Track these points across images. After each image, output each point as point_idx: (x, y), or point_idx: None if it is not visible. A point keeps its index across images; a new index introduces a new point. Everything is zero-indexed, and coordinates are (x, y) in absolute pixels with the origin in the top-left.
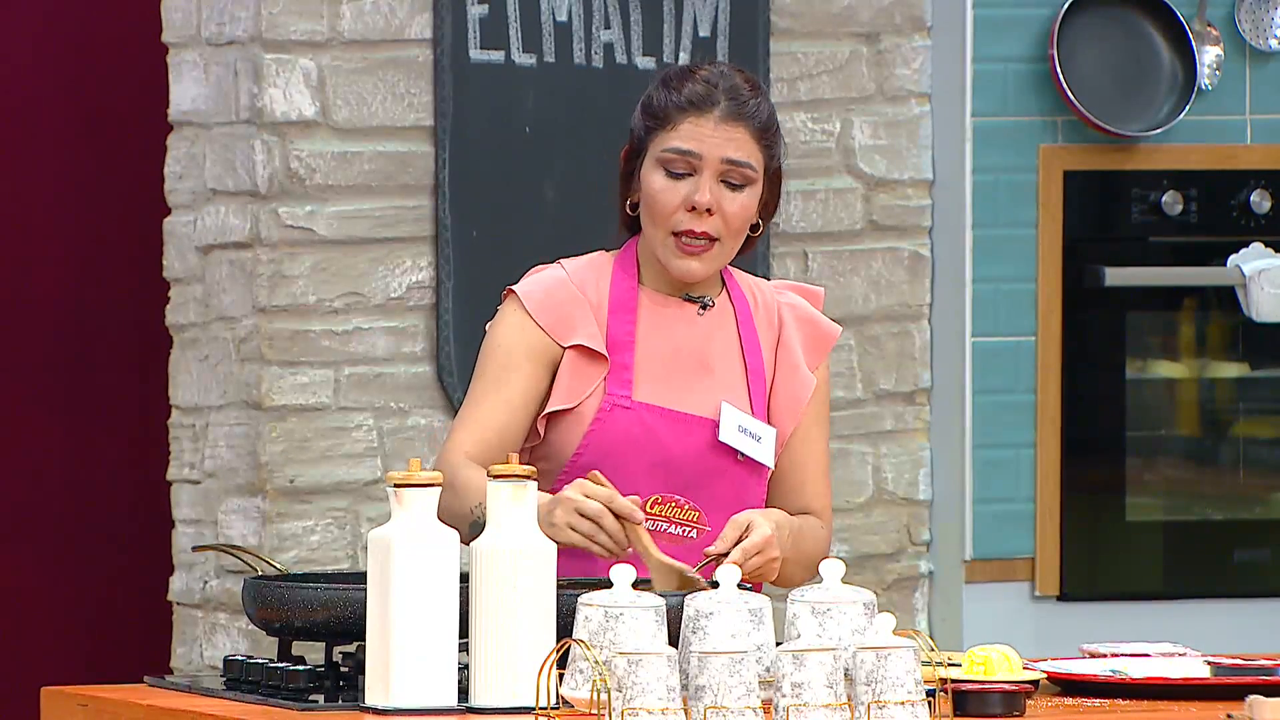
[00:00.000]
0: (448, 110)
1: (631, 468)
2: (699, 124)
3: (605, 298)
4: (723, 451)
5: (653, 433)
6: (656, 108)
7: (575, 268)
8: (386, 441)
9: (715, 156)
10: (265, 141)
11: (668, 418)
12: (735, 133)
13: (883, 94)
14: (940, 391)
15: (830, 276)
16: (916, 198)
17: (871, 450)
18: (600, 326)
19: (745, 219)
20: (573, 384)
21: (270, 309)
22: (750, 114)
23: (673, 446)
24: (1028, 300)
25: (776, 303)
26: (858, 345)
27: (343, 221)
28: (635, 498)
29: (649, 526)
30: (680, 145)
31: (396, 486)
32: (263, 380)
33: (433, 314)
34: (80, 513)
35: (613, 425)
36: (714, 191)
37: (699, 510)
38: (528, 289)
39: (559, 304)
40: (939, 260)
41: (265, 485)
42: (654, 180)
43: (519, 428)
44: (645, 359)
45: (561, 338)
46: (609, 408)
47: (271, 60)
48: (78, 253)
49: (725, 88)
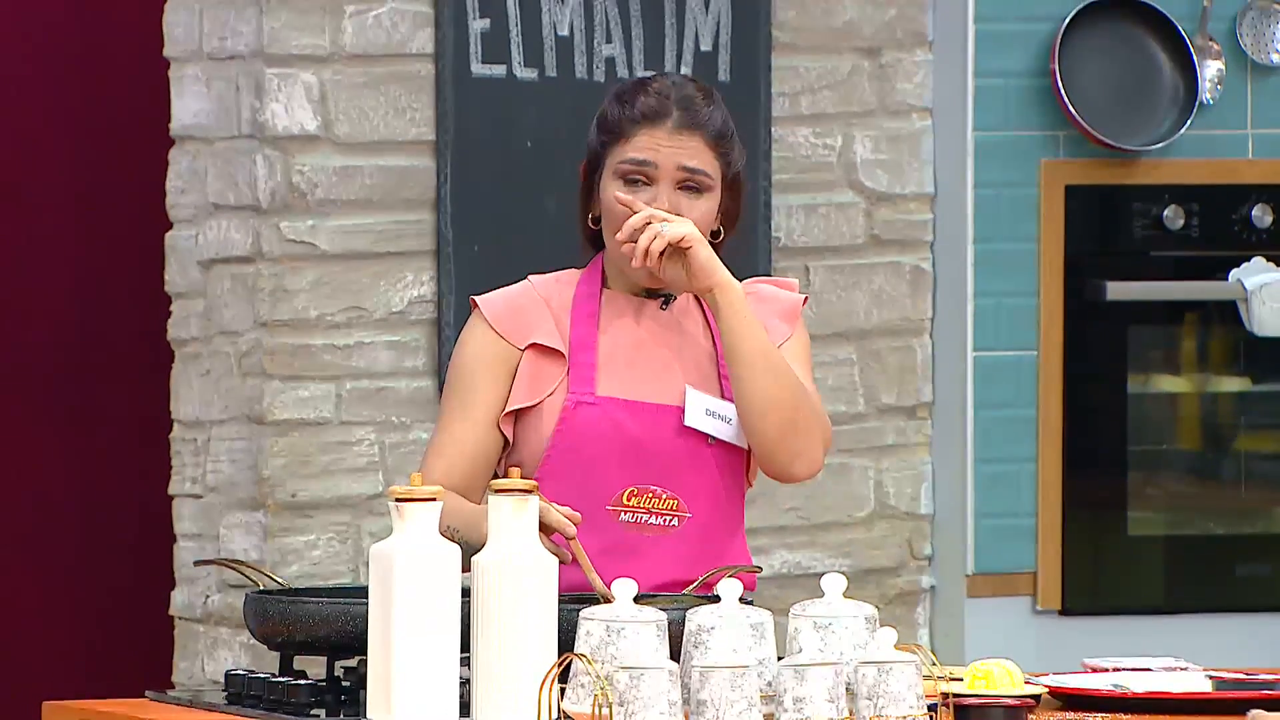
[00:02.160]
0: (449, 124)
1: (603, 462)
2: (653, 135)
3: (568, 304)
4: (693, 436)
5: (620, 425)
6: (611, 122)
7: (542, 280)
8: (388, 456)
9: (671, 165)
10: (267, 156)
11: (633, 409)
12: (690, 141)
13: (884, 108)
14: (942, 406)
15: (832, 291)
16: (918, 212)
17: (873, 465)
18: (561, 329)
19: (705, 224)
20: (532, 383)
21: (272, 323)
22: (703, 122)
23: (642, 437)
24: (1029, 315)
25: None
26: (859, 359)
27: (344, 236)
28: (576, 514)
29: (627, 519)
30: (636, 156)
31: (398, 501)
32: (264, 394)
33: (434, 328)
34: (82, 527)
35: (579, 422)
36: (672, 199)
37: (677, 498)
38: (488, 297)
39: (517, 309)
40: (941, 274)
41: (267, 500)
42: (612, 192)
43: (490, 446)
44: (609, 355)
45: (518, 340)
46: (573, 405)
47: (273, 74)
48: (79, 267)
49: (677, 98)
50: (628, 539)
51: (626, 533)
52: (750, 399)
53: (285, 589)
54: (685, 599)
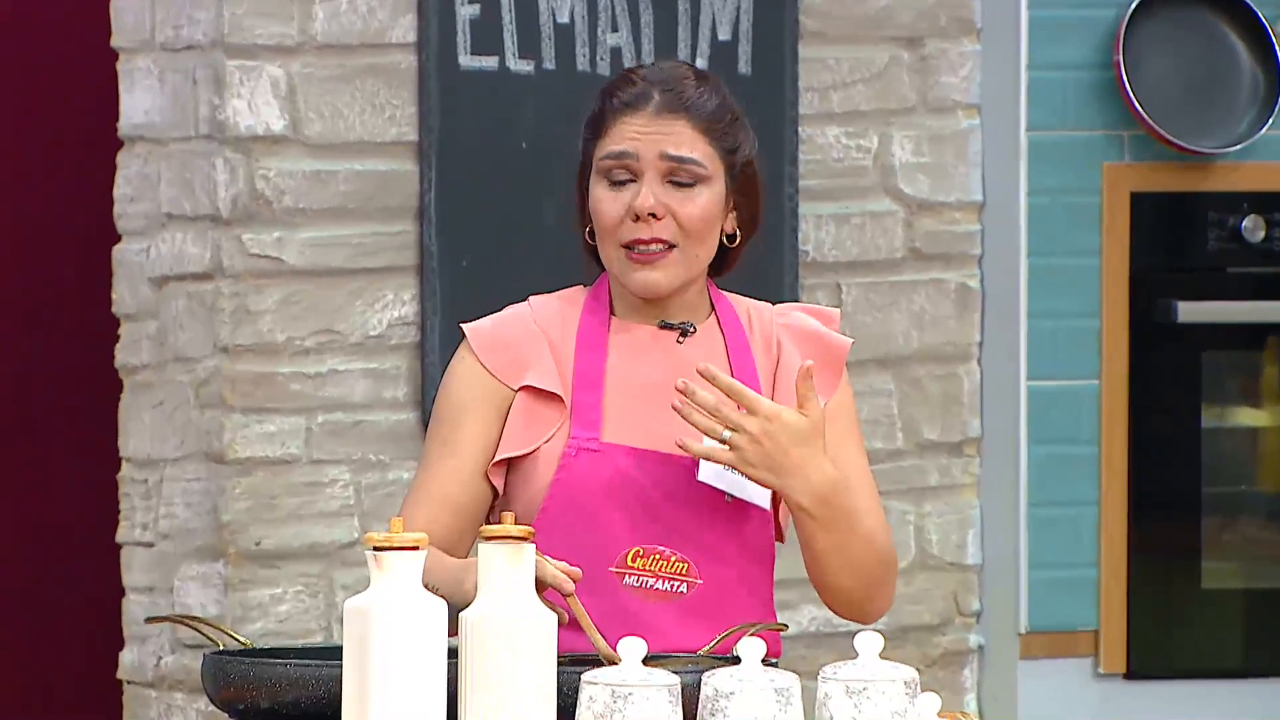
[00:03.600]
0: (434, 124)
1: (606, 518)
2: (631, 123)
3: (572, 335)
4: (708, 492)
5: (626, 476)
6: (594, 117)
7: (543, 303)
8: (365, 499)
9: (653, 154)
10: (228, 159)
11: (641, 458)
12: (674, 125)
13: (926, 105)
14: (991, 442)
15: (867, 311)
16: (964, 222)
17: (913, 508)
18: (563, 365)
19: (706, 220)
20: (526, 427)
21: (233, 348)
22: (690, 104)
23: (650, 490)
24: (1090, 339)
25: (774, 325)
26: (897, 389)
27: (315, 250)
28: (576, 569)
29: (631, 583)
30: (612, 149)
31: (376, 550)
32: (225, 429)
33: (417, 354)
34: (20, 579)
35: (579, 471)
36: (659, 194)
37: (688, 561)
38: (478, 326)
39: (510, 342)
40: (990, 293)
41: (227, 548)
42: (597, 192)
43: (477, 496)
44: (615, 395)
45: (511, 380)
46: (574, 452)
47: (235, 67)
48: (16, 285)
49: (660, 79)
50: (631, 606)
51: (630, 598)
52: (823, 576)
53: (248, 649)
54: (701, 660)
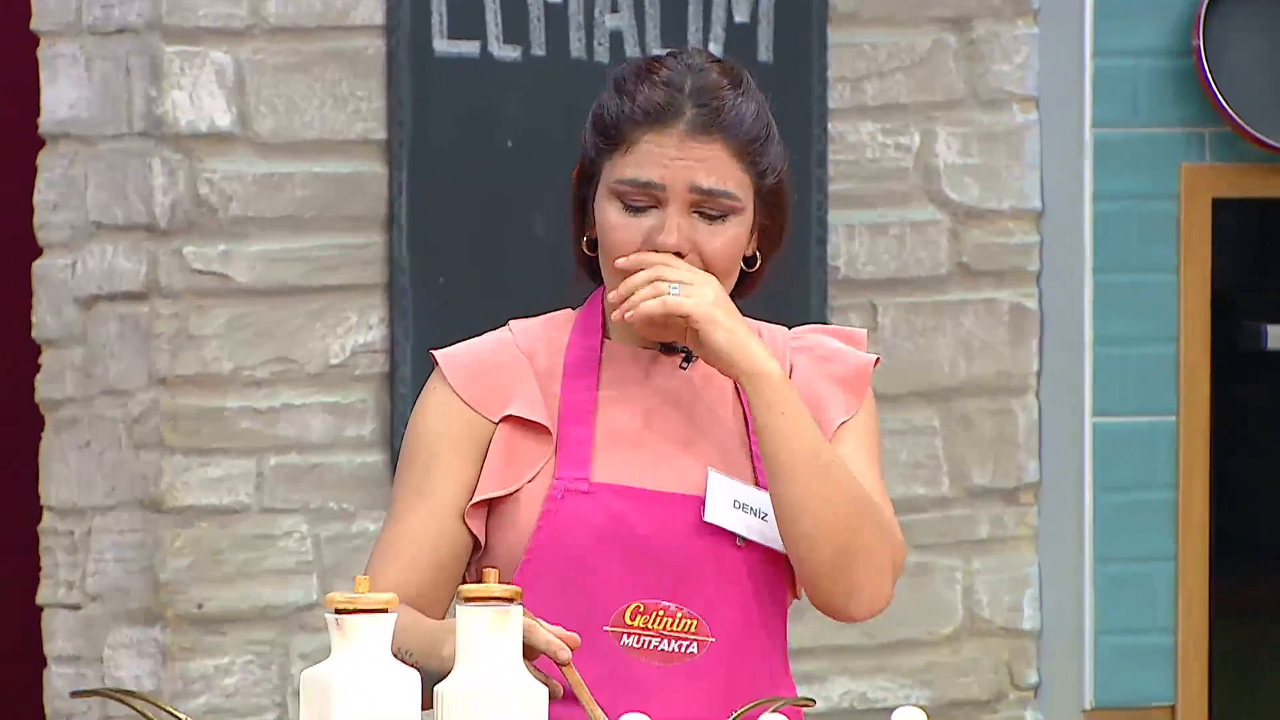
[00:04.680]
0: (405, 118)
1: (598, 569)
2: (659, 143)
3: (560, 363)
4: (717, 535)
5: (622, 520)
6: (607, 122)
7: (525, 328)
8: (325, 553)
9: (682, 185)
10: (166, 160)
11: (639, 499)
12: (707, 150)
13: (975, 97)
14: (1051, 488)
15: (907, 337)
16: (1020, 233)
17: (961, 565)
18: (548, 395)
19: (732, 256)
20: (507, 464)
21: (173, 380)
22: (727, 123)
23: (650, 536)
24: (1166, 368)
25: (788, 352)
26: (943, 427)
27: (268, 265)
28: (574, 635)
29: (631, 644)
30: (636, 176)
31: (338, 613)
32: (163, 473)
33: (386, 386)
34: None
35: (568, 515)
36: (685, 227)
37: (696, 617)
38: (452, 352)
39: (488, 369)
40: (1050, 315)
41: (166, 611)
42: (608, 215)
43: (456, 545)
44: (609, 429)
45: (491, 411)
46: (560, 494)
47: (174, 54)
48: None
49: (693, 89)
50: (632, 670)
51: (630, 662)
52: (794, 521)
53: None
54: None
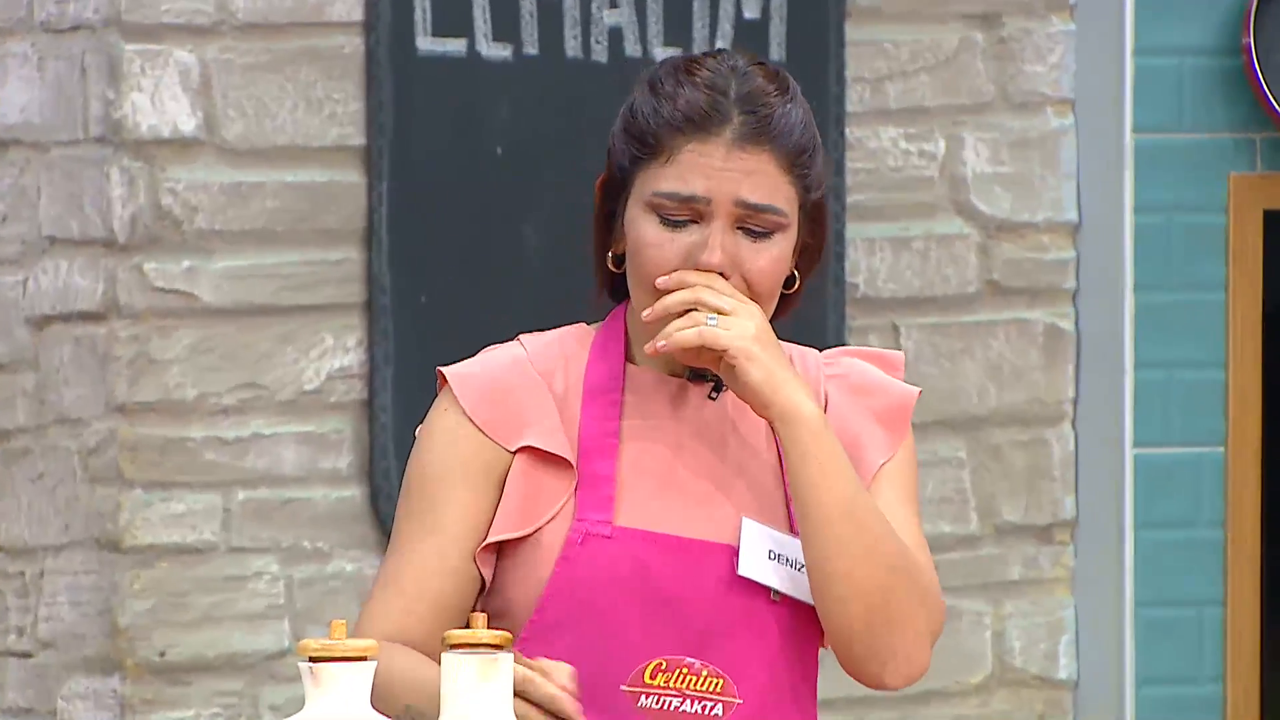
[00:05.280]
0: (387, 123)
1: (618, 622)
2: (704, 153)
3: (579, 386)
4: (749, 589)
5: (646, 569)
6: (644, 128)
7: (540, 345)
8: (298, 596)
9: (727, 199)
10: (126, 169)
11: (665, 547)
12: (755, 162)
13: (1006, 100)
14: (1089, 525)
15: (932, 360)
16: (1055, 248)
17: (990, 609)
18: (568, 423)
19: (776, 277)
20: (524, 504)
21: (132, 407)
22: (776, 132)
23: (677, 588)
24: (1213, 395)
25: (822, 379)
26: (971, 459)
27: (236, 283)
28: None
29: (651, 705)
30: (679, 189)
31: (313, 661)
32: (121, 509)
33: (364, 414)
34: None
35: (586, 562)
36: (729, 245)
37: (723, 676)
38: (463, 373)
39: (505, 392)
40: (1087, 337)
41: (125, 659)
42: (644, 230)
43: (464, 585)
44: (633, 466)
45: (507, 439)
46: (579, 538)
47: (134, 53)
48: None
49: (739, 95)
50: None
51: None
52: (827, 580)
53: None
54: None
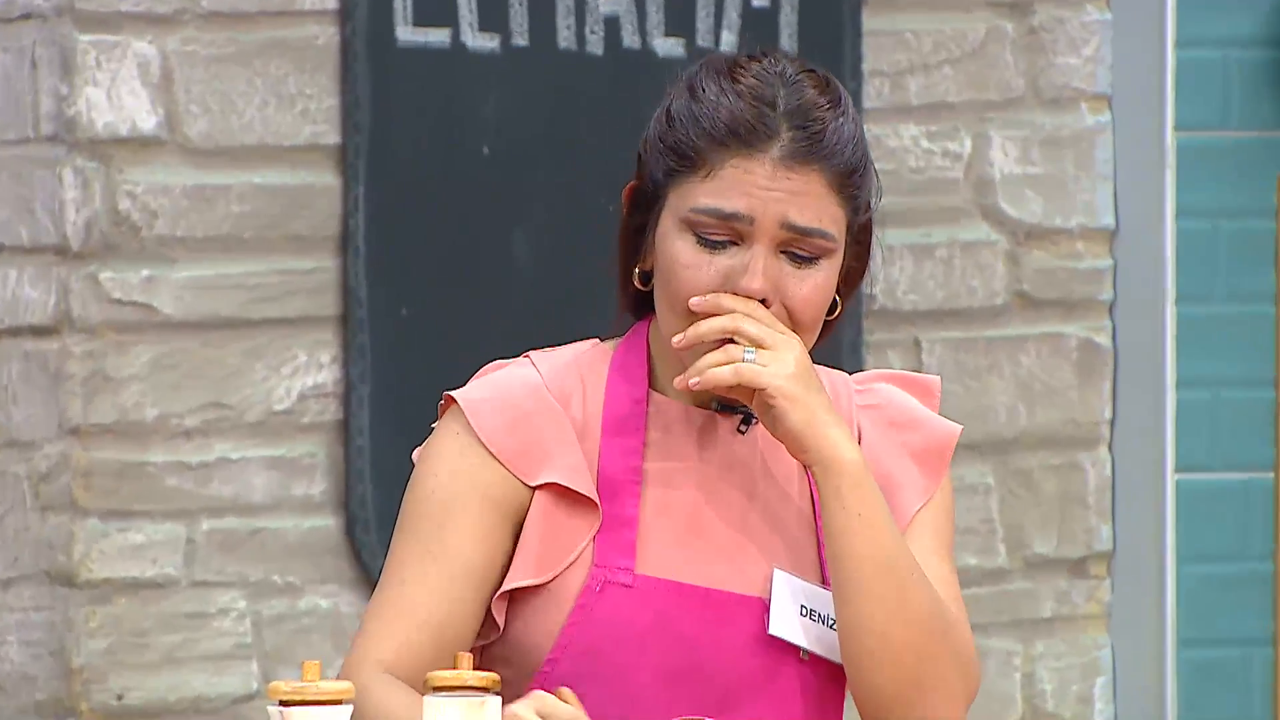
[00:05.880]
0: (364, 120)
1: (636, 679)
2: (748, 169)
3: (598, 413)
4: (779, 648)
5: (668, 623)
6: (681, 139)
7: (553, 367)
8: (267, 635)
9: (773, 220)
10: (80, 170)
11: (690, 598)
12: (803, 182)
13: (1037, 96)
14: (1127, 557)
15: (956, 378)
16: (1090, 256)
17: (1020, 648)
18: (589, 456)
19: (820, 306)
20: (544, 549)
21: (87, 430)
22: (827, 151)
23: (700, 644)
24: (1263, 415)
25: (854, 410)
26: (998, 485)
27: (200, 294)
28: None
29: None
30: (721, 206)
31: (284, 705)
32: (75, 540)
33: (339, 437)
34: None
35: (605, 612)
36: (771, 270)
37: None
38: (476, 398)
39: (523, 419)
40: (1125, 353)
41: (79, 703)
42: (678, 249)
43: (467, 617)
44: (657, 508)
45: (527, 474)
46: (598, 585)
47: (89, 44)
48: None
49: (788, 107)
50: None
51: None
52: (859, 637)
53: None
54: None
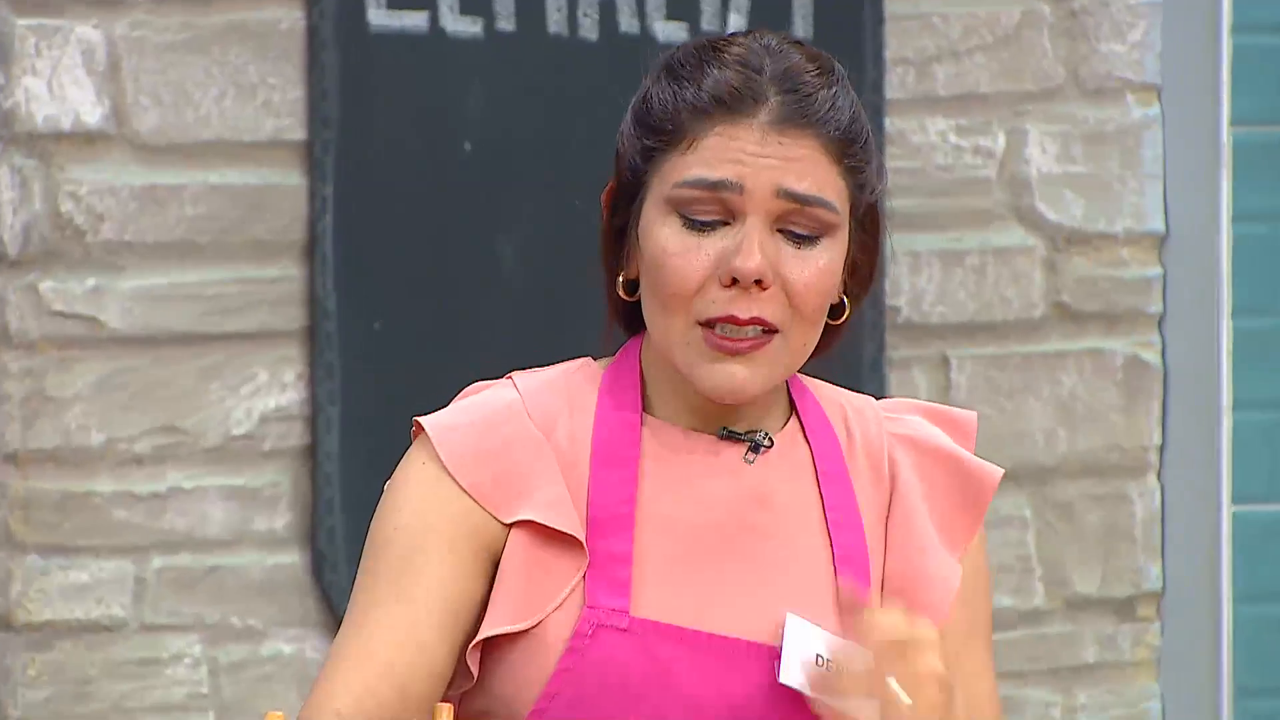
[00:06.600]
0: (332, 114)
1: None
2: (734, 134)
3: (586, 440)
4: (790, 700)
5: (666, 671)
6: (658, 113)
7: (537, 388)
8: (225, 684)
9: (766, 188)
10: (17, 168)
11: (691, 644)
12: (797, 147)
13: (1079, 86)
14: (1179, 597)
15: (989, 399)
16: (1137, 264)
17: (1060, 698)
18: (575, 487)
19: (824, 293)
20: (526, 590)
21: (25, 456)
22: (821, 113)
23: (702, 694)
24: None
25: (885, 438)
26: (1036, 517)
27: (151, 306)
28: None
29: None
30: (706, 174)
31: None
32: (13, 579)
33: (305, 464)
34: None
35: (597, 658)
36: (768, 248)
37: None
38: (446, 424)
39: (499, 450)
40: (1176, 371)
41: None
42: (664, 235)
43: (434, 664)
44: (654, 544)
45: (501, 509)
46: (589, 629)
47: (28, 29)
48: None
49: (775, 72)
50: None
51: None
52: None
53: None
54: None
